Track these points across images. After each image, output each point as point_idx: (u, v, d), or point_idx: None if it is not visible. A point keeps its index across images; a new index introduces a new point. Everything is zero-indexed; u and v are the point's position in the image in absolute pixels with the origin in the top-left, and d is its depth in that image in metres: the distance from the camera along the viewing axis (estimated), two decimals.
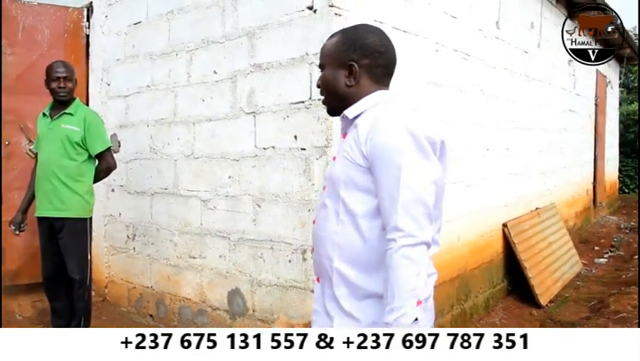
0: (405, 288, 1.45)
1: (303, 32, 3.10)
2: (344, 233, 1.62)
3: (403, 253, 1.45)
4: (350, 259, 1.61)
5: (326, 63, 1.73)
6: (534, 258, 5.30)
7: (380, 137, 1.54)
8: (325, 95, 1.76)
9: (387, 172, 1.52)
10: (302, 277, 3.15)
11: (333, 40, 1.73)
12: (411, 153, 1.51)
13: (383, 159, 1.53)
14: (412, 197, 1.48)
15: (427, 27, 3.77)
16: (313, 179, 3.05)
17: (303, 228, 3.11)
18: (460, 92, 4.24)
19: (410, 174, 1.50)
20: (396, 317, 1.45)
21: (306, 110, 3.07)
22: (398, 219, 1.48)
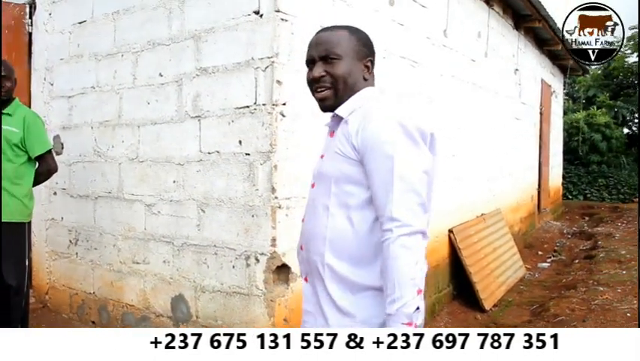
0: (405, 277, 1.46)
1: (250, 37, 3.09)
2: (335, 227, 1.62)
3: (401, 242, 1.47)
4: (342, 253, 1.61)
5: (345, 55, 1.70)
6: (479, 263, 5.40)
7: (371, 129, 1.56)
8: (339, 87, 1.70)
9: (379, 163, 1.53)
10: (246, 283, 3.13)
11: (345, 34, 1.73)
12: (402, 144, 1.53)
13: (375, 150, 1.54)
14: (405, 187, 1.51)
15: (375, 34, 3.79)
16: (257, 184, 3.04)
17: (247, 233, 3.10)
18: (406, 98, 4.29)
19: (402, 164, 1.52)
20: (399, 307, 1.46)
21: (251, 115, 3.05)
22: (393, 209, 1.49)
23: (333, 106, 1.72)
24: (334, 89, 1.70)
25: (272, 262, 3.02)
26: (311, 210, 1.74)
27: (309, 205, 1.77)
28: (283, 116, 3.01)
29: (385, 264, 1.50)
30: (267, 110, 2.99)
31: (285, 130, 3.03)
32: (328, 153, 1.71)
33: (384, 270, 1.52)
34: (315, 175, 1.77)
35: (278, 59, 2.98)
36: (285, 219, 3.05)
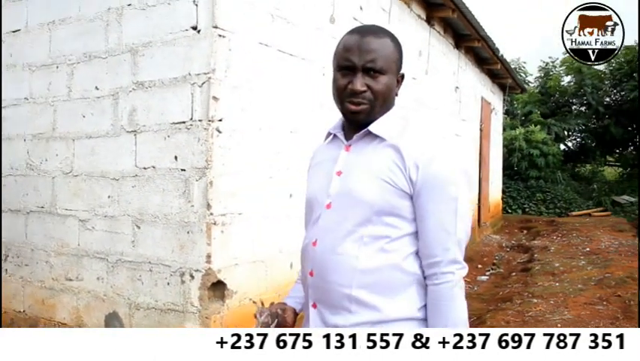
0: (462, 319, 1.49)
1: (187, 52, 3.07)
2: (368, 257, 1.50)
3: (461, 284, 1.49)
4: (374, 284, 1.50)
5: (389, 69, 1.54)
6: None
7: (437, 166, 1.47)
8: (377, 105, 1.54)
9: (442, 204, 1.48)
10: (180, 300, 3.09)
11: (390, 44, 1.56)
12: (461, 186, 1.51)
13: (438, 189, 1.47)
14: (464, 230, 1.51)
15: (314, 51, 3.85)
16: (193, 200, 3.01)
17: (182, 250, 3.06)
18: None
19: (463, 207, 1.50)
20: None
21: (187, 130, 3.03)
22: (457, 252, 1.49)
23: (366, 122, 1.56)
24: (371, 106, 1.54)
25: (207, 278, 3.00)
26: (327, 234, 1.56)
27: (324, 228, 1.57)
28: (219, 133, 3.00)
29: (445, 305, 1.49)
30: (203, 126, 2.98)
31: (221, 146, 3.02)
32: (353, 171, 1.56)
33: (442, 310, 1.49)
34: (331, 195, 1.58)
35: (215, 75, 2.98)
36: (221, 236, 3.04)
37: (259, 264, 3.37)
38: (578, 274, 6.86)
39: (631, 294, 5.56)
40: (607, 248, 8.31)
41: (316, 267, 1.58)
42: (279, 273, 3.56)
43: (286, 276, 3.63)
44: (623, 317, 4.87)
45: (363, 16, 4.58)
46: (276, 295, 3.52)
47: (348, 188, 1.55)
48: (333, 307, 1.55)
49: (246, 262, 3.25)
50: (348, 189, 1.55)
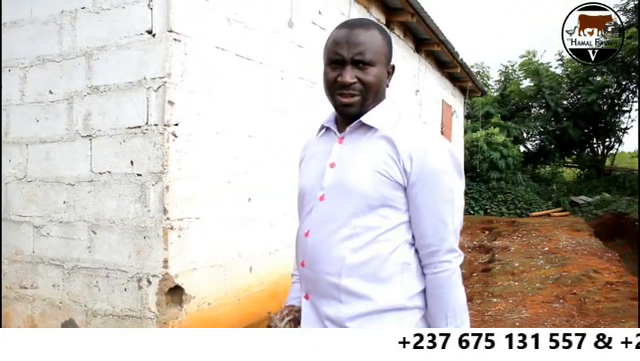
0: (462, 305, 1.54)
1: (142, 56, 3.05)
2: (359, 247, 1.51)
3: (458, 272, 1.53)
4: (364, 273, 1.52)
5: (378, 61, 1.56)
6: None
7: (431, 158, 1.50)
8: (367, 96, 1.56)
9: (437, 194, 1.51)
10: (138, 305, 3.06)
11: (378, 36, 1.58)
12: (454, 176, 1.54)
13: (433, 179, 1.50)
14: (459, 219, 1.56)
15: (272, 55, 3.86)
16: (149, 205, 2.99)
17: (139, 255, 3.04)
18: (305, 118, 4.36)
19: (458, 197, 1.55)
20: None
21: (143, 135, 3.01)
22: (454, 241, 1.54)
23: (358, 114, 1.58)
24: (363, 98, 1.56)
25: (164, 283, 2.98)
26: (320, 226, 1.58)
27: (317, 220, 1.59)
28: (175, 137, 2.99)
29: (445, 293, 1.53)
30: (158, 130, 2.96)
31: (178, 151, 3.01)
32: (347, 163, 1.58)
33: (440, 298, 1.53)
34: (324, 187, 1.59)
35: (170, 79, 2.97)
36: (178, 241, 3.02)
37: (218, 268, 3.36)
38: (536, 273, 7.01)
39: (586, 292, 5.71)
40: (565, 247, 8.50)
41: (307, 258, 1.59)
42: (238, 277, 3.55)
43: (246, 280, 3.63)
44: (578, 314, 5.00)
45: (321, 20, 4.61)
46: (236, 300, 3.52)
47: (341, 180, 1.56)
48: (323, 297, 1.57)
49: (204, 266, 3.24)
50: (341, 181, 1.56)
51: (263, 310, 3.80)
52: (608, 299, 5.33)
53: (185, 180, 3.08)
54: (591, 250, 8.18)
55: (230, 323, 3.47)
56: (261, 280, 3.80)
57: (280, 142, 3.99)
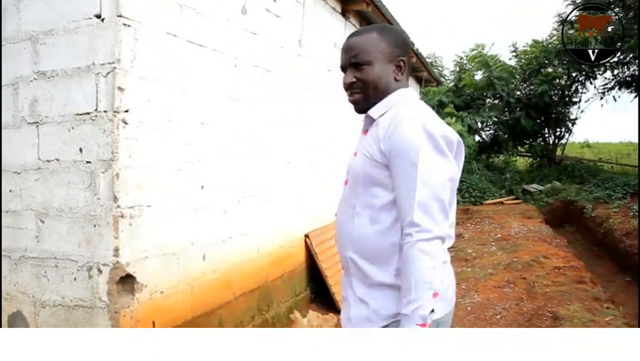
0: (421, 281, 1.53)
1: (90, 41, 2.98)
2: (359, 225, 1.71)
3: (420, 247, 1.54)
4: (362, 250, 1.71)
5: (374, 59, 1.75)
6: (335, 266, 5.57)
7: (398, 135, 1.61)
8: (370, 92, 1.77)
9: (404, 169, 1.59)
10: (88, 295, 3.02)
11: (374, 37, 1.76)
12: (427, 151, 1.58)
13: (400, 155, 1.60)
14: (427, 193, 1.57)
15: (226, 42, 3.83)
16: (99, 193, 2.94)
17: (89, 244, 2.99)
18: (260, 106, 4.35)
19: (426, 170, 1.57)
20: (414, 309, 1.53)
21: (92, 122, 2.95)
22: (414, 214, 1.56)
23: (366, 108, 1.80)
24: (364, 94, 1.78)
25: (115, 272, 2.94)
26: (342, 207, 1.82)
27: (341, 201, 1.84)
28: (126, 124, 2.94)
29: (403, 267, 1.58)
30: (108, 117, 2.91)
31: (128, 138, 2.96)
32: (359, 151, 1.77)
33: (402, 272, 1.59)
34: (348, 171, 1.83)
35: (120, 65, 2.91)
36: (129, 229, 2.98)
37: (170, 256, 3.33)
38: (488, 259, 7.18)
39: (535, 276, 5.88)
40: (516, 234, 8.72)
41: (336, 234, 1.86)
42: (191, 265, 3.53)
43: (199, 268, 3.61)
44: (527, 298, 5.16)
45: (276, 7, 4.59)
46: (189, 288, 3.51)
47: (353, 166, 1.79)
48: (346, 270, 1.82)
49: (156, 254, 3.21)
50: (352, 167, 1.79)
51: (216, 298, 3.80)
52: (556, 283, 5.51)
53: (136, 167, 3.04)
54: (541, 237, 8.42)
55: (183, 312, 3.45)
56: (214, 268, 3.79)
57: (234, 130, 3.96)
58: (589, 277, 5.78)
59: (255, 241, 4.33)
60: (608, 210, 10.30)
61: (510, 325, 4.42)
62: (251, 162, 4.23)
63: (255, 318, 4.36)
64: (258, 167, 4.33)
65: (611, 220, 9.53)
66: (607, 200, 11.08)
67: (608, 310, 4.52)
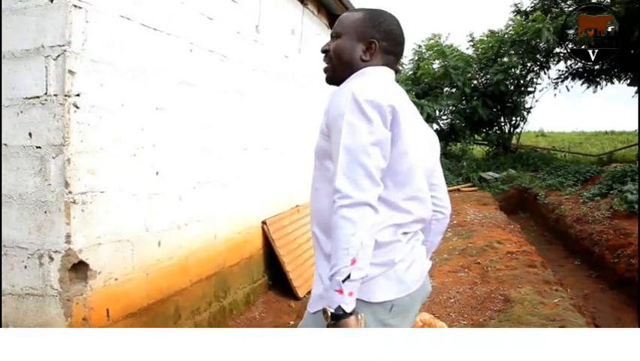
0: (340, 246, 1.49)
1: (39, 22, 2.90)
2: (317, 199, 1.72)
3: (340, 213, 1.51)
4: (320, 223, 1.70)
5: (345, 33, 1.80)
6: (293, 253, 5.60)
7: (331, 104, 1.64)
8: (335, 64, 1.81)
9: (334, 137, 1.60)
10: (39, 283, 2.95)
11: (357, 15, 1.81)
12: (349, 115, 1.56)
13: (331, 123, 1.62)
14: (348, 159, 1.54)
15: (181, 27, 3.78)
16: (50, 179, 2.88)
17: (40, 231, 2.92)
18: (216, 92, 4.31)
19: (347, 135, 1.55)
20: (332, 274, 1.50)
21: (42, 106, 2.88)
22: (336, 180, 1.54)
23: (332, 80, 1.85)
24: (331, 65, 1.83)
25: (67, 259, 2.89)
26: (311, 184, 1.81)
27: None
28: (77, 108, 2.88)
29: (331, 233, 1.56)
30: (58, 101, 2.84)
31: (80, 122, 2.91)
32: None
33: None
34: None
35: (71, 48, 2.85)
36: (81, 215, 2.93)
37: (124, 243, 3.29)
38: (445, 245, 7.29)
39: (489, 261, 6.01)
40: (472, 221, 8.88)
41: None
42: (146, 252, 3.50)
43: (154, 255, 3.58)
44: (480, 282, 5.27)
45: None
46: (144, 275, 3.47)
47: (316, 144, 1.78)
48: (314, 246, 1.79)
49: (110, 241, 3.16)
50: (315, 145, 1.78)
51: (172, 285, 3.78)
52: (508, 267, 5.64)
53: (89, 152, 2.98)
54: (496, 223, 8.60)
55: (138, 299, 3.42)
56: (170, 254, 3.76)
57: (190, 115, 3.92)
58: (540, 261, 5.93)
59: (211, 227, 4.30)
60: (559, 198, 10.58)
61: (463, 308, 4.52)
62: (207, 148, 4.20)
63: (212, 305, 4.35)
64: (214, 153, 4.30)
65: (563, 207, 9.79)
66: (559, 187, 11.37)
67: (556, 292, 4.66)
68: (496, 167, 16.54)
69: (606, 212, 8.20)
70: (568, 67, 18.35)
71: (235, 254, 4.75)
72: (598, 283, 6.86)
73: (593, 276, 7.14)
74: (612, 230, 7.43)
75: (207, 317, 4.26)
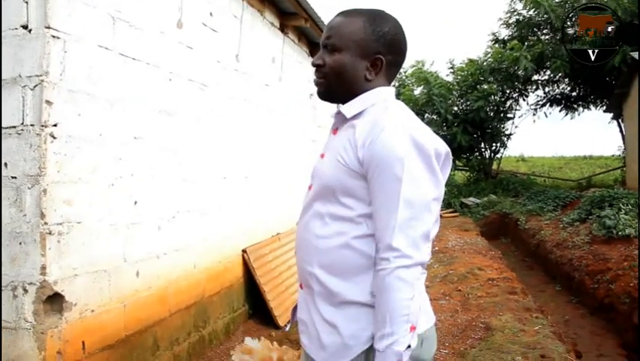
0: (398, 313, 1.36)
1: (17, 52, 2.88)
2: (327, 237, 1.51)
3: (398, 274, 1.36)
4: (330, 265, 1.50)
5: (345, 47, 1.55)
6: (273, 281, 5.56)
7: (381, 143, 1.42)
8: (332, 79, 1.59)
9: (386, 183, 1.41)
10: (13, 316, 2.89)
11: (357, 23, 1.56)
12: (414, 165, 1.41)
13: (383, 168, 1.41)
14: (410, 214, 1.39)
15: (160, 56, 3.79)
16: (25, 210, 2.84)
17: (14, 263, 2.87)
18: (195, 121, 4.31)
19: (412, 189, 1.39)
20: (389, 344, 1.36)
21: (18, 136, 2.85)
22: (394, 237, 1.38)
23: (327, 97, 1.64)
24: (326, 81, 1.60)
25: (42, 291, 2.84)
26: (303, 214, 1.62)
27: (304, 208, 1.63)
28: (54, 138, 2.86)
29: (378, 295, 1.40)
30: (35, 131, 2.82)
31: (57, 152, 2.88)
32: (329, 153, 1.57)
33: (377, 301, 1.41)
34: (313, 175, 1.63)
35: (48, 78, 2.84)
36: (57, 246, 2.89)
37: (101, 274, 3.24)
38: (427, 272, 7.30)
39: (470, 288, 6.02)
40: (453, 247, 8.91)
41: (296, 246, 1.65)
42: (124, 282, 3.45)
43: (132, 285, 3.54)
44: (461, 310, 5.27)
45: (213, 22, 4.57)
46: (122, 306, 3.43)
47: (319, 169, 1.59)
48: (306, 286, 1.59)
49: (86, 272, 3.12)
50: (319, 171, 1.59)
51: (151, 315, 3.73)
52: (489, 294, 5.66)
53: (66, 183, 2.95)
54: (477, 249, 8.64)
55: (115, 330, 3.36)
56: (149, 284, 3.71)
57: (168, 144, 3.91)
58: (520, 288, 5.96)
59: (191, 256, 4.27)
60: (540, 223, 10.68)
61: (445, 336, 4.50)
62: (186, 177, 4.18)
63: (192, 335, 4.29)
64: (193, 182, 4.29)
65: (543, 232, 9.88)
66: (539, 213, 11.49)
67: (537, 319, 4.67)
68: (477, 192, 16.68)
69: (585, 237, 8.28)
70: (546, 93, 18.69)
71: (215, 283, 4.70)
72: (578, 308, 6.90)
73: (573, 301, 7.19)
74: (591, 255, 7.50)
75: (186, 348, 4.20)
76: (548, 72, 17.16)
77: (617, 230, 7.71)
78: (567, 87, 18.40)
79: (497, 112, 18.36)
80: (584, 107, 18.68)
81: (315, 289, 1.55)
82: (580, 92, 18.21)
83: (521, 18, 17.48)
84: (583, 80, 16.97)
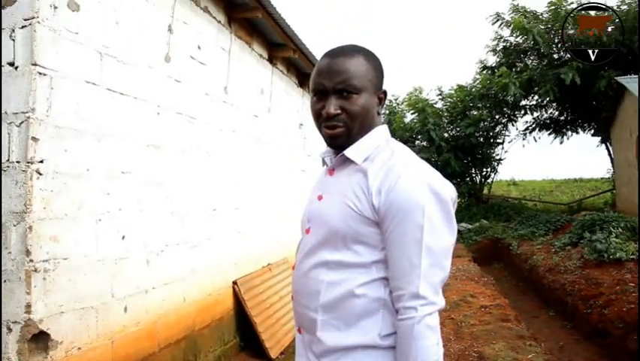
0: (429, 360, 1.36)
1: (4, 89, 2.89)
2: (333, 284, 1.47)
3: (426, 322, 1.36)
4: (336, 311, 1.47)
5: (364, 88, 1.51)
6: (265, 313, 5.51)
7: (401, 192, 1.40)
8: (357, 124, 1.52)
9: (408, 231, 1.39)
10: None
11: (362, 62, 1.53)
12: (435, 214, 1.40)
13: (404, 216, 1.39)
14: (432, 261, 1.39)
15: (148, 90, 3.80)
16: (10, 247, 2.81)
17: None
18: (184, 154, 4.31)
19: (433, 237, 1.39)
20: None
21: (4, 172, 2.84)
22: (420, 286, 1.37)
23: (346, 144, 1.53)
24: (348, 128, 1.52)
25: (27, 330, 2.80)
26: (302, 259, 1.56)
27: (301, 252, 1.58)
28: (40, 175, 2.85)
29: (407, 344, 1.38)
30: (21, 168, 2.81)
31: (43, 189, 2.87)
32: (332, 197, 1.54)
33: (402, 348, 1.39)
34: (310, 218, 1.58)
35: (34, 114, 2.84)
36: (43, 283, 2.86)
37: (88, 310, 3.21)
38: None
39: (462, 316, 5.99)
40: None
41: (294, 290, 1.60)
42: (112, 318, 3.41)
43: (120, 321, 3.49)
44: (454, 338, 5.23)
45: (201, 55, 4.61)
46: (109, 342, 3.38)
47: (321, 213, 1.54)
48: (309, 332, 1.55)
49: (73, 309, 3.08)
50: (321, 215, 1.54)
51: (139, 351, 3.68)
52: (482, 322, 5.62)
53: (52, 219, 2.94)
54: (469, 276, 8.61)
55: None
56: (137, 319, 3.67)
57: (156, 177, 3.91)
58: (513, 314, 5.93)
59: (180, 289, 4.23)
60: (532, 247, 10.67)
61: None
62: (175, 209, 4.17)
63: None
64: (182, 214, 4.27)
65: (535, 257, 9.87)
66: (531, 237, 11.49)
67: (530, 347, 4.65)
68: (469, 218, 16.69)
69: (577, 261, 8.27)
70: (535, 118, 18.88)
71: (205, 316, 4.66)
72: (572, 334, 6.86)
73: (567, 327, 7.15)
74: (584, 280, 7.48)
75: None
76: (536, 97, 17.36)
77: (608, 254, 7.72)
78: (555, 112, 18.63)
79: (487, 137, 18.51)
80: (572, 130, 18.87)
81: (321, 336, 1.51)
82: (568, 117, 18.43)
83: (508, 44, 17.74)
84: (570, 104, 17.19)
